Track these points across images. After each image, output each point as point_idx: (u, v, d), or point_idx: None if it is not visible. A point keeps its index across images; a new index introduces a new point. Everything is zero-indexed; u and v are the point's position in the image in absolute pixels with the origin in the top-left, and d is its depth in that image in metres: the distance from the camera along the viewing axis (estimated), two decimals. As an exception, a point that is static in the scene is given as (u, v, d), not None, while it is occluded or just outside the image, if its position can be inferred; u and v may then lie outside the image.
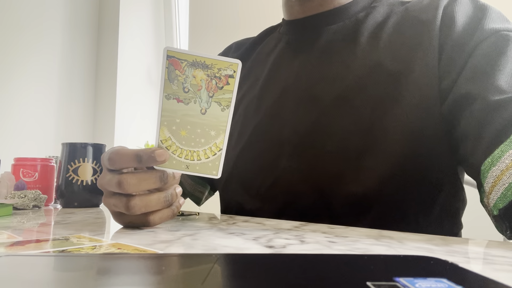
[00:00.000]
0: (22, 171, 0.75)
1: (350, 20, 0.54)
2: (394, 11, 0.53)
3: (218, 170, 0.39)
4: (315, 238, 0.33)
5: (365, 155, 0.47)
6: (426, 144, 0.45)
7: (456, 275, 0.18)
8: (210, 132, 0.38)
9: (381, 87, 0.48)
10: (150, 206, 0.38)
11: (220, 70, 0.37)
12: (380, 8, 0.54)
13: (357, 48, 0.51)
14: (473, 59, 0.44)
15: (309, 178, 0.50)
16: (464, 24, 0.46)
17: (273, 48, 0.61)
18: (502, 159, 0.37)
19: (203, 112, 0.37)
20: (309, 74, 0.54)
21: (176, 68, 0.36)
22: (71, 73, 2.00)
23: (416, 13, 0.50)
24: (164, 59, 0.36)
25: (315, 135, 0.50)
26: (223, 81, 0.37)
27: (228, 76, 0.37)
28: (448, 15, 0.47)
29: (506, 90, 0.40)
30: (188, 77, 0.37)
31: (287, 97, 0.54)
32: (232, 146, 0.59)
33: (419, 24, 0.49)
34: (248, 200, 0.56)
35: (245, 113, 0.59)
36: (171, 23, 2.09)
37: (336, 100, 0.50)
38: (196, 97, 0.37)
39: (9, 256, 0.21)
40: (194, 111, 0.37)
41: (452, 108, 0.44)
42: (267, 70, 0.59)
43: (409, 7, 0.52)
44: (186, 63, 0.36)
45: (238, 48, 0.69)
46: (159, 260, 0.21)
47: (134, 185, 0.37)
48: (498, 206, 0.38)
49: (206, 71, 0.37)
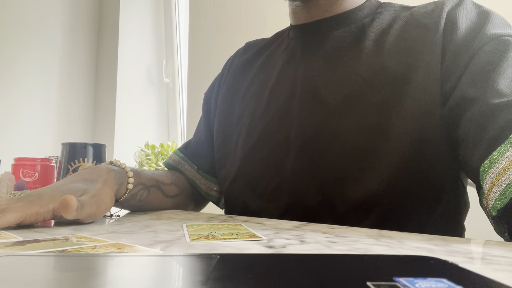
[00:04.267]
0: (22, 171, 0.75)
1: (355, 25, 0.55)
2: (399, 17, 0.53)
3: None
4: (315, 238, 0.33)
5: (369, 157, 0.47)
6: (428, 147, 0.46)
7: (456, 275, 0.18)
8: None
9: (385, 91, 0.48)
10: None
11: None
12: (385, 14, 0.55)
13: (362, 53, 0.52)
14: (474, 62, 0.44)
15: (313, 179, 0.51)
16: (467, 29, 0.47)
17: (281, 52, 0.62)
18: (500, 160, 0.38)
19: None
20: (315, 78, 0.54)
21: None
22: (71, 73, 2.00)
23: (420, 17, 0.51)
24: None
25: (320, 138, 0.51)
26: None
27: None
28: (451, 20, 0.48)
29: (506, 94, 0.40)
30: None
31: (295, 100, 0.55)
32: (240, 145, 0.60)
33: (423, 28, 0.50)
34: (254, 199, 0.57)
35: (254, 114, 0.60)
36: (171, 23, 2.09)
37: (341, 104, 0.51)
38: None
39: (9, 256, 0.21)
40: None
41: (453, 111, 0.45)
42: (275, 74, 0.60)
43: (414, 12, 0.53)
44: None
45: (248, 51, 0.70)
46: (159, 260, 0.21)
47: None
48: (497, 207, 0.38)
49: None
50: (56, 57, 1.94)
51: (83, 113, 2.03)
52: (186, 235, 0.35)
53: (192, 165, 0.70)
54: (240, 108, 0.63)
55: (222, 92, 0.69)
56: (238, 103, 0.64)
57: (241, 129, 0.61)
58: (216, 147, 0.67)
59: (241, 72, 0.67)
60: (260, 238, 0.33)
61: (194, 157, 0.71)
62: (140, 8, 2.09)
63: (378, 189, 0.47)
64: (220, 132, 0.66)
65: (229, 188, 0.62)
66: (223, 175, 0.64)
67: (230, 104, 0.66)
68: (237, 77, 0.67)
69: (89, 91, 2.07)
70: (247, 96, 0.63)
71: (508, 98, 0.40)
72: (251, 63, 0.67)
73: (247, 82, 0.65)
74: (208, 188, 0.70)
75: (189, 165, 0.71)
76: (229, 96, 0.67)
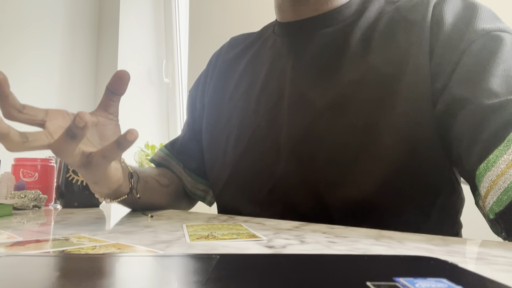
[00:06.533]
0: (22, 171, 0.75)
1: (343, 24, 0.54)
2: (385, 11, 0.52)
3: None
4: (315, 238, 0.33)
5: (360, 159, 0.46)
6: (420, 146, 0.45)
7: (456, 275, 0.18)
8: None
9: (374, 90, 0.47)
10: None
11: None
12: (371, 8, 0.53)
13: (349, 52, 0.51)
14: (464, 61, 0.43)
15: (305, 183, 0.50)
16: (454, 24, 0.45)
17: (268, 50, 0.61)
18: (497, 164, 0.37)
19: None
20: (302, 79, 0.53)
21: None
22: (71, 73, 2.00)
23: (406, 13, 0.50)
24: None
25: (309, 141, 0.50)
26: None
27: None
28: (438, 15, 0.47)
29: (499, 94, 0.40)
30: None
31: (283, 102, 0.54)
32: (231, 149, 0.58)
33: (409, 24, 0.48)
34: (246, 205, 0.56)
35: (243, 116, 0.58)
36: (171, 23, 2.09)
37: (329, 105, 0.49)
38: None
39: (9, 256, 0.21)
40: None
41: (444, 111, 0.44)
42: (263, 74, 0.58)
43: (400, 6, 0.51)
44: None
45: (233, 47, 0.68)
46: (159, 260, 0.21)
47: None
48: (494, 210, 0.38)
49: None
50: (56, 57, 1.94)
51: (83, 113, 2.03)
52: (186, 235, 0.35)
53: (178, 163, 0.70)
54: (228, 109, 0.61)
55: (209, 92, 0.67)
56: (226, 103, 0.62)
57: (230, 132, 0.59)
58: (205, 148, 0.65)
59: (227, 70, 0.66)
60: (260, 238, 0.33)
61: (180, 155, 0.71)
62: (140, 8, 2.09)
63: (372, 192, 0.46)
64: (208, 133, 0.65)
65: (220, 193, 0.61)
66: (213, 179, 0.63)
67: (218, 105, 0.64)
68: (224, 76, 0.66)
69: (89, 91, 2.07)
70: (235, 96, 0.61)
71: (500, 98, 0.39)
72: (238, 60, 0.65)
73: (234, 81, 0.63)
74: (193, 187, 0.70)
75: (175, 162, 0.71)
76: (216, 96, 0.65)
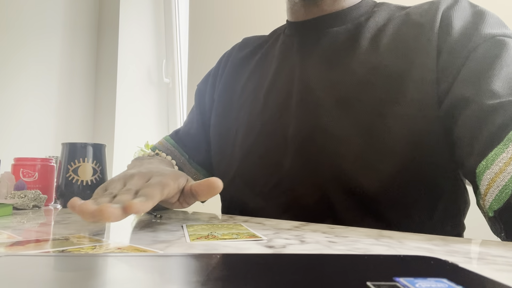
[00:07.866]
0: (22, 171, 0.75)
1: (352, 24, 0.56)
2: (395, 16, 0.54)
3: None
4: (315, 238, 0.33)
5: (366, 156, 0.47)
6: (425, 146, 0.46)
7: (456, 275, 0.18)
8: None
9: (381, 89, 0.48)
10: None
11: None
12: (381, 13, 0.55)
13: (358, 51, 0.52)
14: (469, 63, 0.44)
15: (311, 178, 0.51)
16: (462, 29, 0.47)
17: (277, 49, 0.62)
18: (496, 161, 0.38)
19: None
20: (312, 76, 0.54)
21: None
22: (71, 73, 2.00)
23: (416, 16, 0.51)
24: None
25: (317, 137, 0.51)
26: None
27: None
28: (447, 19, 0.48)
29: (501, 94, 0.41)
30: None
31: (292, 99, 0.55)
32: (239, 144, 0.60)
33: (418, 27, 0.50)
34: (252, 198, 0.57)
35: (252, 112, 0.60)
36: (171, 23, 2.09)
37: (337, 103, 0.51)
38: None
39: (9, 256, 0.21)
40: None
41: (448, 111, 0.45)
42: (272, 71, 0.60)
43: (410, 12, 0.53)
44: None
45: (245, 47, 0.70)
46: (159, 260, 0.21)
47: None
48: (493, 208, 0.38)
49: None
50: (56, 57, 1.94)
51: (83, 113, 2.03)
52: (186, 235, 0.35)
53: (183, 154, 0.70)
54: (238, 105, 0.63)
55: (219, 87, 0.69)
56: (235, 100, 0.64)
57: (238, 127, 0.61)
58: (213, 141, 0.67)
59: (238, 68, 0.68)
60: (260, 238, 0.33)
61: (186, 147, 0.71)
62: (140, 8, 2.09)
63: (376, 188, 0.47)
64: (217, 127, 0.66)
65: (227, 186, 0.62)
66: (220, 172, 0.64)
67: (228, 100, 0.66)
68: (234, 73, 0.67)
69: (89, 91, 2.07)
70: (244, 93, 0.63)
71: (501, 99, 0.40)
72: (248, 60, 0.67)
73: (244, 78, 0.65)
74: (196, 179, 0.70)
75: (180, 153, 0.70)
76: (226, 92, 0.67)
